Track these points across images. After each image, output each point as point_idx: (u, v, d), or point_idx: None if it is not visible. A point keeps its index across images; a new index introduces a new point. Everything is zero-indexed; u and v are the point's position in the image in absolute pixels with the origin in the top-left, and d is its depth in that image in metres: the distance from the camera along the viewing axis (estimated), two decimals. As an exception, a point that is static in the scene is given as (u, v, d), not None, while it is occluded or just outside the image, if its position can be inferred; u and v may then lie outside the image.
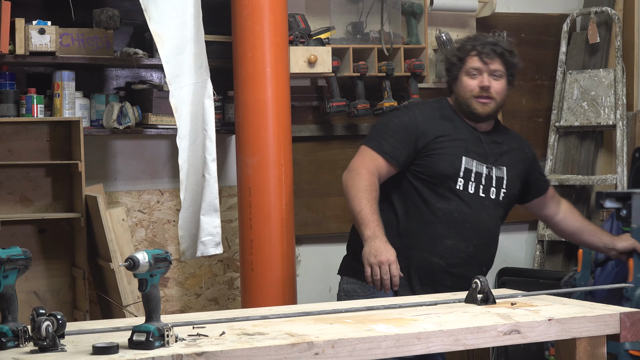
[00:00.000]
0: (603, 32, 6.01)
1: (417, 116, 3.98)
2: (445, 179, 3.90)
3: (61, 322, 2.38)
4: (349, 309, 3.01)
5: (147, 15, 4.37)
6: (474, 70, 3.95)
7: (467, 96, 3.96)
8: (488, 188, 3.96)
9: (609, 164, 6.07)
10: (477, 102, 3.95)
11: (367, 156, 3.92)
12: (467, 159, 3.92)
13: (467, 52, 3.97)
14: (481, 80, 3.94)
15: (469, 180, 3.92)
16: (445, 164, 3.90)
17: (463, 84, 3.97)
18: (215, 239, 4.58)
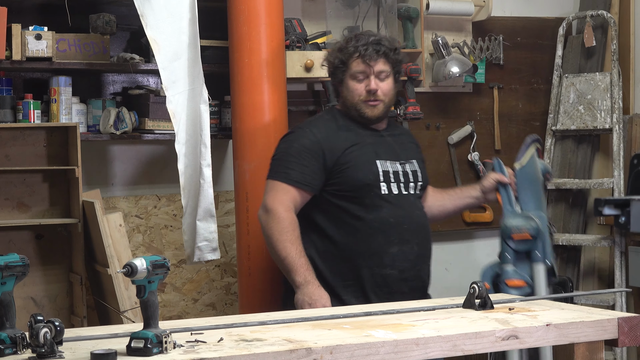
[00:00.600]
0: (599, 36, 6.02)
1: (316, 134, 3.92)
2: (368, 188, 3.86)
3: (59, 328, 2.38)
4: (347, 314, 3.01)
5: (144, 21, 4.37)
6: (360, 74, 3.90)
7: (355, 100, 3.92)
8: (407, 184, 3.94)
9: (605, 168, 6.07)
10: (366, 106, 3.92)
11: (278, 191, 3.85)
12: (381, 162, 3.89)
13: (350, 54, 3.91)
14: (367, 84, 3.90)
15: (390, 182, 3.90)
16: (362, 173, 3.86)
17: (350, 88, 3.93)
18: (211, 244, 4.58)
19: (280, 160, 3.92)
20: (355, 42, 3.93)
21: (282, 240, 3.79)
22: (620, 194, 5.67)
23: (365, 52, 3.89)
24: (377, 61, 3.90)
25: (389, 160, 3.93)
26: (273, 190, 3.87)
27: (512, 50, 6.04)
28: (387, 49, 3.93)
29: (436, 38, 5.56)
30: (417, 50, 5.46)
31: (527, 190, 4.13)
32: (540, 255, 3.98)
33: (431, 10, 5.56)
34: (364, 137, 3.95)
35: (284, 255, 3.78)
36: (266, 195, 3.89)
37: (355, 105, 3.93)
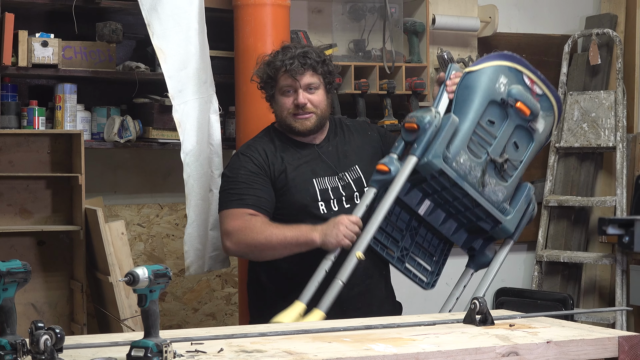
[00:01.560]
0: (604, 54, 6.03)
1: (257, 158, 3.84)
2: (305, 210, 3.80)
3: (60, 336, 2.37)
4: (348, 327, 3.01)
5: (150, 30, 4.37)
6: (288, 88, 3.84)
7: (284, 115, 3.86)
8: (351, 195, 3.85)
9: (608, 186, 6.07)
10: (294, 120, 3.85)
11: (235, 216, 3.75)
12: (318, 180, 3.83)
13: (278, 69, 3.84)
14: (295, 98, 3.83)
15: (329, 199, 3.82)
16: (299, 195, 3.81)
17: (279, 103, 3.87)
18: (223, 253, 4.58)
19: (230, 190, 3.83)
20: (282, 56, 3.86)
21: (265, 236, 3.68)
22: (622, 212, 5.67)
23: (291, 66, 3.82)
24: (304, 74, 3.82)
25: (326, 176, 3.85)
26: (229, 217, 3.78)
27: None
28: (314, 61, 3.84)
29: (441, 53, 5.54)
30: (422, 65, 5.47)
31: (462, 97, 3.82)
32: (418, 148, 3.67)
33: (437, 25, 5.57)
34: (300, 156, 3.87)
35: (281, 239, 3.68)
36: (223, 225, 3.81)
37: (284, 120, 3.87)
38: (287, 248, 3.70)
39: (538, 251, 5.99)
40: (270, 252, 3.74)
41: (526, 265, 6.15)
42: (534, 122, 3.88)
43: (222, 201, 3.86)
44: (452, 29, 5.69)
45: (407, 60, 5.50)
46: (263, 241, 3.70)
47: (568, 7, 6.22)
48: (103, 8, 4.85)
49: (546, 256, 5.95)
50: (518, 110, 3.82)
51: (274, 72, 3.86)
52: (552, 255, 5.93)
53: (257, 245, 3.71)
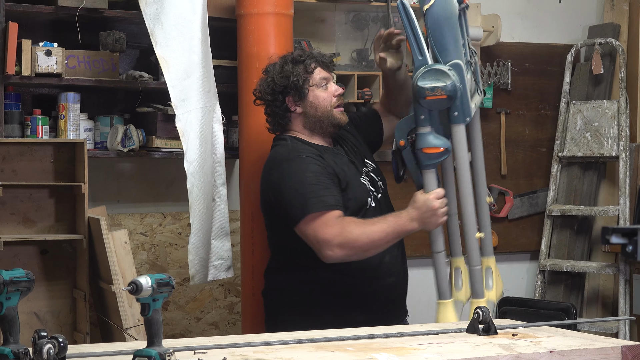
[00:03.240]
0: (607, 63, 6.03)
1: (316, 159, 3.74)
2: (365, 204, 3.79)
3: (62, 345, 2.38)
4: (351, 336, 3.00)
5: (154, 39, 4.38)
6: (324, 80, 3.82)
7: (327, 108, 3.81)
8: (377, 185, 3.86)
9: (611, 195, 6.07)
10: (338, 112, 3.82)
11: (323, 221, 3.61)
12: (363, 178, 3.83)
13: (309, 64, 3.81)
14: (335, 88, 3.83)
15: (372, 193, 3.84)
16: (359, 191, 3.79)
17: (319, 96, 3.80)
18: (226, 262, 4.58)
19: (304, 194, 3.65)
20: (306, 54, 3.86)
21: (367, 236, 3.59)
22: (625, 221, 5.67)
23: (322, 59, 3.83)
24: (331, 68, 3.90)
25: (363, 174, 3.86)
26: (317, 224, 3.61)
27: (520, 76, 6.05)
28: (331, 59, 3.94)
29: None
30: (425, 74, 5.46)
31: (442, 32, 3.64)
32: (459, 115, 3.62)
33: (440, 35, 5.57)
34: (336, 159, 3.82)
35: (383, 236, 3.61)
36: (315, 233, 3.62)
37: (328, 114, 3.81)
38: (389, 243, 3.67)
39: (541, 260, 5.99)
40: (374, 251, 3.67)
41: (529, 274, 6.14)
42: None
43: (299, 207, 3.65)
44: (455, 39, 5.69)
45: (410, 69, 5.50)
46: (367, 242, 3.61)
47: (571, 17, 6.22)
48: (106, 17, 4.86)
49: (549, 265, 5.94)
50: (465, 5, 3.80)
51: (308, 64, 3.80)
52: (555, 264, 5.93)
53: (362, 247, 3.62)
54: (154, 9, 4.40)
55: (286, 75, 3.83)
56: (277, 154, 3.86)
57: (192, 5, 4.46)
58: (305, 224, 3.65)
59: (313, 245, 3.66)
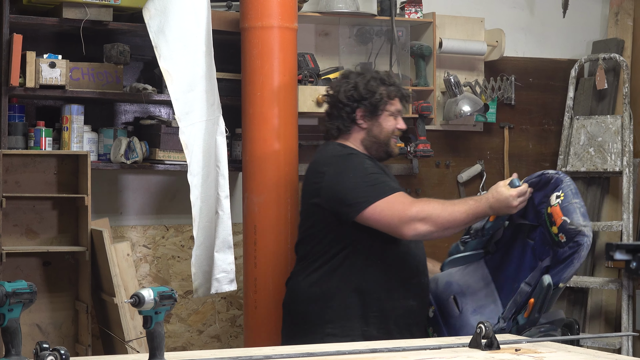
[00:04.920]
0: (611, 79, 6.03)
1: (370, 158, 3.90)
2: None
3: (64, 357, 2.38)
4: (353, 350, 3.00)
5: (158, 52, 4.39)
6: (398, 113, 3.94)
7: (389, 135, 3.92)
8: None
9: (615, 211, 6.06)
10: (394, 142, 3.95)
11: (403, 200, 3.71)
12: None
13: (394, 92, 3.92)
14: (402, 123, 3.95)
15: None
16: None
17: (388, 122, 3.92)
18: (229, 275, 4.57)
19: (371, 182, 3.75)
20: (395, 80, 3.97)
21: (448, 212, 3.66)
22: (629, 237, 5.66)
23: (405, 94, 3.96)
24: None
25: None
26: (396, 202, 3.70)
27: (523, 91, 6.05)
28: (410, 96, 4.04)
29: (448, 76, 5.57)
30: (429, 88, 5.47)
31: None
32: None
33: (444, 49, 5.58)
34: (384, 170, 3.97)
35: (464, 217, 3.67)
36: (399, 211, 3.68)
37: (385, 141, 3.93)
38: (467, 224, 3.75)
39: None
40: (452, 230, 3.74)
41: (532, 289, 6.13)
42: None
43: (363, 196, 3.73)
44: (459, 53, 5.70)
45: (414, 83, 5.51)
46: (449, 219, 3.68)
47: (575, 32, 6.23)
48: (111, 30, 4.87)
49: (552, 280, 5.93)
50: None
51: (392, 91, 3.92)
52: (558, 279, 5.91)
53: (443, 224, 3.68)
54: (158, 22, 4.41)
55: (371, 90, 3.92)
56: (328, 153, 3.95)
57: (197, 18, 4.47)
58: (375, 209, 3.71)
59: (390, 226, 3.70)
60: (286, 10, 4.56)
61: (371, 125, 3.92)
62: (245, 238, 4.63)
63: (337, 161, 3.86)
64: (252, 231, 4.56)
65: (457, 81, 5.58)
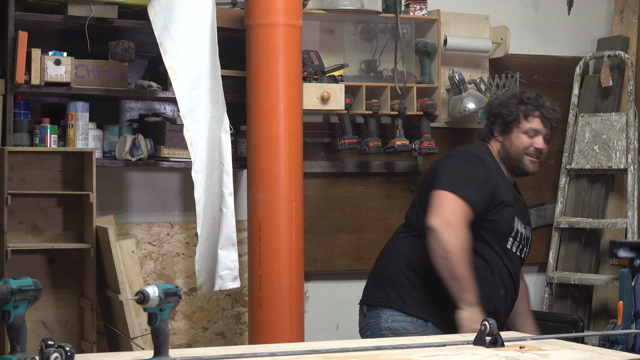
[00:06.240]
0: (616, 76, 6.03)
1: (489, 170, 3.97)
2: (502, 238, 3.94)
3: (69, 354, 2.38)
4: (358, 347, 3.00)
5: (162, 49, 4.39)
6: (533, 131, 4.00)
7: (520, 152, 4.00)
8: (522, 247, 4.03)
9: (619, 208, 6.06)
10: (528, 160, 4.00)
11: (458, 206, 3.82)
12: (517, 220, 3.97)
13: (531, 112, 4.01)
14: (538, 142, 4.00)
15: (515, 239, 3.98)
16: (505, 224, 3.94)
17: (520, 139, 4.01)
18: (233, 272, 4.58)
19: (460, 178, 3.88)
20: (540, 103, 4.02)
21: (462, 260, 3.76)
22: (634, 234, 5.66)
23: (548, 116, 4.00)
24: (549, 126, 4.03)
25: (520, 220, 3.99)
26: (452, 203, 3.82)
27: (528, 88, 6.04)
28: (558, 118, 4.07)
29: (453, 74, 5.57)
30: (433, 86, 5.47)
31: None
32: None
33: (449, 46, 5.58)
34: (509, 187, 4.01)
35: (462, 274, 3.76)
36: (443, 206, 3.82)
37: (518, 157, 4.00)
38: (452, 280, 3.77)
39: (549, 273, 5.98)
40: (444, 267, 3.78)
41: (537, 286, 6.13)
42: None
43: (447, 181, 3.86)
44: (463, 50, 5.70)
45: (418, 80, 5.51)
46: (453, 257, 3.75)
47: (580, 29, 6.22)
48: (116, 27, 4.87)
49: (557, 278, 5.93)
50: None
51: (528, 112, 4.00)
52: (562, 277, 5.91)
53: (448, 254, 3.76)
54: (163, 19, 4.41)
55: (505, 108, 4.05)
56: (463, 147, 4.31)
57: (201, 15, 4.47)
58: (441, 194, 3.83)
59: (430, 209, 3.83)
60: (291, 8, 4.57)
61: (504, 140, 4.04)
62: (250, 235, 4.63)
63: (462, 152, 4.09)
64: (256, 228, 4.57)
65: (461, 78, 5.58)
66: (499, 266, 3.94)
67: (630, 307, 4.30)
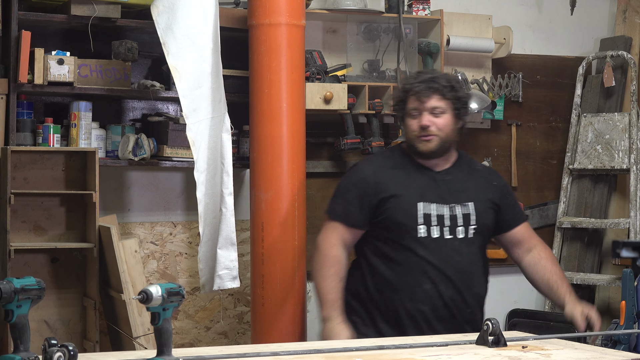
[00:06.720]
0: (618, 76, 6.02)
1: (366, 171, 3.99)
2: (404, 230, 3.87)
3: (73, 353, 2.38)
4: (360, 347, 3.00)
5: (166, 49, 4.39)
6: (414, 111, 3.93)
7: (410, 137, 3.95)
8: (454, 228, 3.90)
9: (622, 208, 6.06)
10: (419, 141, 3.92)
11: (327, 228, 4.01)
12: (424, 204, 3.88)
13: (407, 92, 3.96)
14: (420, 120, 3.91)
15: (430, 225, 3.87)
16: (401, 214, 3.87)
17: (407, 124, 3.97)
18: (232, 272, 4.58)
19: (333, 196, 4.07)
20: (413, 80, 3.99)
21: (319, 275, 3.94)
22: (636, 234, 5.66)
23: (418, 89, 3.93)
24: (430, 97, 3.91)
25: (435, 202, 3.90)
26: (325, 227, 4.02)
27: (531, 88, 6.05)
28: (442, 86, 3.93)
29: (456, 74, 5.57)
30: (436, 86, 5.46)
31: None
32: None
33: (451, 46, 5.58)
34: (413, 177, 3.95)
35: (318, 289, 3.94)
36: (320, 235, 4.03)
37: (412, 142, 3.96)
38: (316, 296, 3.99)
39: (551, 273, 5.97)
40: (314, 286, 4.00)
41: (539, 286, 6.12)
42: None
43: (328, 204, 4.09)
44: (466, 50, 5.70)
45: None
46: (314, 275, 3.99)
47: (582, 29, 6.22)
48: (119, 27, 4.88)
49: (559, 278, 5.92)
50: None
51: (404, 95, 3.97)
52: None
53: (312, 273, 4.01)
54: (166, 19, 4.41)
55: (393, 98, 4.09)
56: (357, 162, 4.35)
57: (204, 15, 4.47)
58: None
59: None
60: (294, 8, 4.57)
61: (403, 129, 4.12)
62: (253, 235, 4.63)
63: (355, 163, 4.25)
64: (259, 228, 4.57)
65: (464, 78, 5.58)
66: (414, 261, 3.85)
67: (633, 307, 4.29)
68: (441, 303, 3.86)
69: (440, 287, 3.85)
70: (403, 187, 3.92)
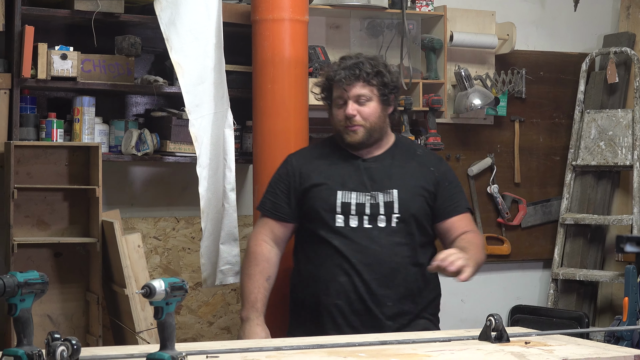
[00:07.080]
0: (622, 73, 6.02)
1: (292, 163, 3.93)
2: (321, 218, 3.78)
3: (76, 347, 2.39)
4: (363, 342, 3.01)
5: (169, 44, 4.39)
6: (339, 99, 3.81)
7: (338, 128, 3.85)
8: (375, 217, 3.76)
9: (625, 205, 6.06)
10: (346, 132, 3.81)
11: (258, 223, 3.99)
12: (343, 193, 3.77)
13: (331, 81, 3.84)
14: (344, 110, 3.79)
15: (348, 214, 3.76)
16: (320, 203, 3.79)
17: (333, 115, 3.86)
18: (234, 267, 4.59)
19: (265, 190, 4.03)
20: (337, 67, 3.85)
21: (244, 274, 3.90)
22: (639, 231, 5.66)
23: (341, 77, 3.78)
24: (355, 85, 3.77)
25: (355, 191, 3.77)
26: (256, 222, 4.04)
27: (534, 84, 6.05)
28: (365, 72, 3.78)
29: (459, 70, 5.57)
30: (439, 82, 5.47)
31: None
32: None
33: (455, 42, 5.58)
34: (339, 167, 3.84)
35: (242, 288, 3.92)
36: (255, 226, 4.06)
37: (339, 133, 3.85)
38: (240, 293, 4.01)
39: (554, 269, 5.98)
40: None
41: (542, 283, 6.13)
42: None
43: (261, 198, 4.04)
44: (469, 46, 5.70)
45: (424, 76, 5.51)
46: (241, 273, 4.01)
47: (586, 26, 6.22)
48: (122, 22, 4.88)
49: (562, 274, 5.93)
50: None
51: (329, 83, 3.86)
52: (568, 273, 5.92)
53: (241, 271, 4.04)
54: (169, 14, 4.41)
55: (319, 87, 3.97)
56: None
57: (208, 10, 4.47)
58: None
59: None
60: (297, 3, 4.57)
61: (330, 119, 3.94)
62: (255, 230, 4.63)
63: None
64: (262, 223, 4.56)
65: (467, 74, 5.58)
66: (329, 254, 3.75)
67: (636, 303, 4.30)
68: (356, 296, 3.73)
69: (354, 279, 3.73)
70: (325, 177, 3.83)
